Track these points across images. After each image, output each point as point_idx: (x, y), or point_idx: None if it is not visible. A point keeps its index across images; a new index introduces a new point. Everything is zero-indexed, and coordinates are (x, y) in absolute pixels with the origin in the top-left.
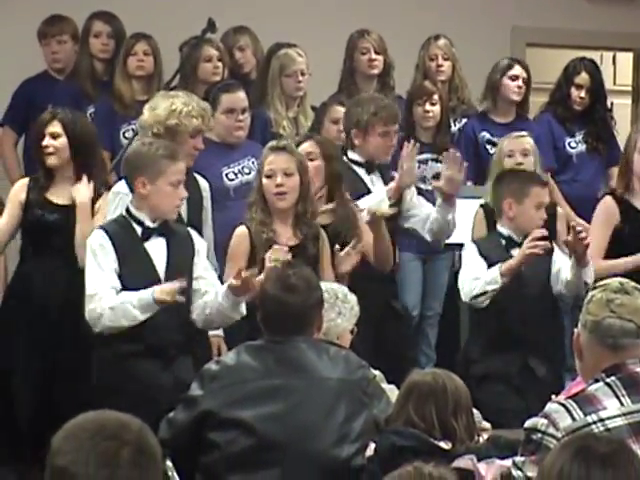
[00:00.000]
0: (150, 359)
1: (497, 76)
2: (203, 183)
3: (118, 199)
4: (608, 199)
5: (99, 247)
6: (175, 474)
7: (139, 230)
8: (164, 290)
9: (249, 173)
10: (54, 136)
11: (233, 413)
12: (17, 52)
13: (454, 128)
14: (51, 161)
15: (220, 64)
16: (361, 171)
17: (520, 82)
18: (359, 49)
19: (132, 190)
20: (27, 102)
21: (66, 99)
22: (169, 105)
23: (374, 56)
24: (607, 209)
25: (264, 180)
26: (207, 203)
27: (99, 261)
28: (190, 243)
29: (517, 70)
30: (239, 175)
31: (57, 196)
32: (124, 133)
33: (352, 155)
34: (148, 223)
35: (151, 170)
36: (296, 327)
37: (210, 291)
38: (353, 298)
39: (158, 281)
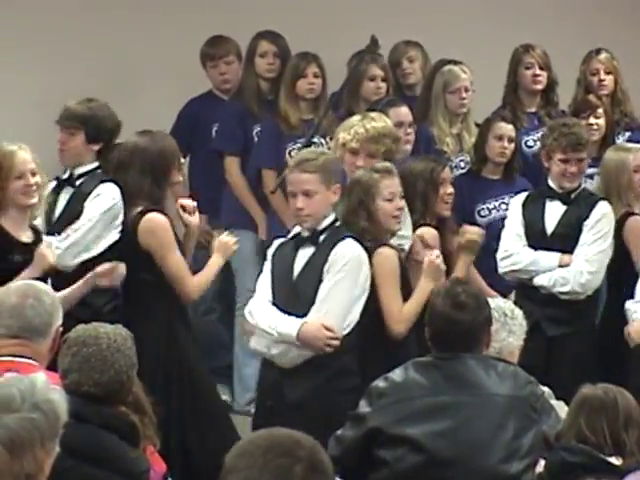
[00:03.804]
0: None
1: None
2: None
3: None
4: None
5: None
6: None
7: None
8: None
9: None
10: None
11: (401, 430)
12: (180, 73)
13: (618, 141)
14: None
15: (383, 84)
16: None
17: None
18: (523, 64)
19: None
20: (192, 122)
21: (231, 118)
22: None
23: (538, 71)
24: None
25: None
26: None
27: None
28: None
29: None
30: None
31: None
32: (290, 152)
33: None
34: None
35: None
36: (465, 345)
37: None
38: (520, 313)
39: None
